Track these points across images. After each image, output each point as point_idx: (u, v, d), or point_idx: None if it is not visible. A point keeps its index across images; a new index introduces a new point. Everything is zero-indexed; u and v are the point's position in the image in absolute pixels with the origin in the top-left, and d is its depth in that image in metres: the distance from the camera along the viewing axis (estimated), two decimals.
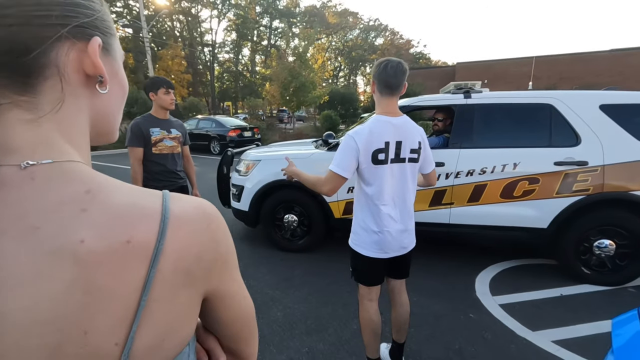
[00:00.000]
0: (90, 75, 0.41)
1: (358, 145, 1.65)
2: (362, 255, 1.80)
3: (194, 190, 2.85)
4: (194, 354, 0.46)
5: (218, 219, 0.45)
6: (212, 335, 0.53)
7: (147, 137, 2.41)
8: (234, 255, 0.48)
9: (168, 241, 0.38)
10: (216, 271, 0.44)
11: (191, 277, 0.41)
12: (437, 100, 3.54)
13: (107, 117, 0.46)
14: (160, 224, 0.38)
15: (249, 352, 0.56)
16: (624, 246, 3.02)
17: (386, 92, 1.69)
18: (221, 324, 0.50)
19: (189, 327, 0.43)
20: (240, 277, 0.51)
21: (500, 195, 3.16)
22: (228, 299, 0.48)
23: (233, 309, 0.49)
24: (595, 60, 24.27)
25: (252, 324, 0.55)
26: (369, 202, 1.74)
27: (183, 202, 0.42)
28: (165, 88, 2.43)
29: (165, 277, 0.38)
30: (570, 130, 3.07)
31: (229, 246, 0.47)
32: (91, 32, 0.40)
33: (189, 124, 13.49)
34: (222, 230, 0.45)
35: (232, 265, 0.48)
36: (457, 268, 3.41)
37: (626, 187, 2.93)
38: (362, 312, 1.90)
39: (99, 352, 0.35)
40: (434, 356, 2.20)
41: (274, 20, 46.09)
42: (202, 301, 0.45)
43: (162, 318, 0.38)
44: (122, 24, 24.64)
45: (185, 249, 0.40)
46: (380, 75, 1.67)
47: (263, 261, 3.60)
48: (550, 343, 2.32)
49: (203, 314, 0.49)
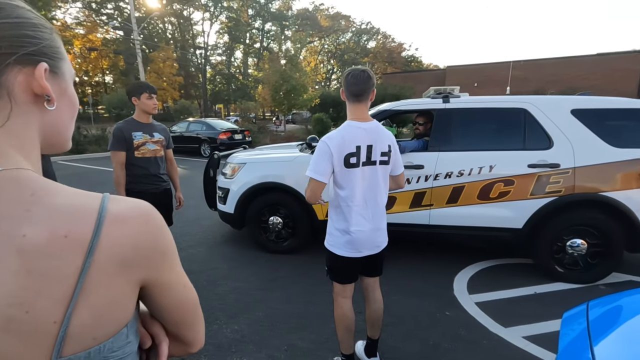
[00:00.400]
0: (38, 94, 0.48)
1: (331, 150, 1.73)
2: (337, 255, 1.87)
3: (178, 192, 2.90)
4: (134, 336, 0.52)
5: (155, 217, 0.52)
6: (157, 322, 0.59)
7: (129, 141, 2.46)
8: (172, 249, 0.55)
9: (103, 236, 0.45)
10: (153, 262, 0.51)
11: (127, 266, 0.47)
12: (417, 104, 3.65)
13: (56, 130, 0.53)
14: (97, 221, 0.45)
15: (193, 337, 0.62)
16: (596, 245, 3.14)
17: (352, 100, 1.79)
18: (162, 311, 0.57)
19: (124, 311, 0.49)
20: (181, 269, 0.57)
21: (478, 197, 3.26)
22: (167, 288, 0.55)
23: (172, 297, 0.56)
24: (582, 64, 24.81)
25: (194, 312, 0.61)
26: (342, 204, 1.82)
27: (121, 202, 0.49)
28: (148, 93, 2.49)
29: (100, 266, 0.45)
30: (544, 134, 3.19)
31: (167, 241, 0.53)
32: (38, 59, 0.47)
33: (179, 126, 13.49)
34: (158, 227, 0.52)
35: (170, 257, 0.54)
36: (437, 268, 3.50)
37: (596, 188, 3.05)
38: (337, 309, 1.97)
39: (39, 329, 0.42)
40: (410, 352, 2.28)
41: (266, 23, 46.19)
42: (141, 289, 0.52)
43: (97, 301, 0.45)
44: (112, 25, 24.45)
45: (121, 242, 0.47)
46: (345, 84, 1.78)
47: (248, 263, 3.66)
48: (521, 338, 2.42)
49: (146, 301, 0.56)
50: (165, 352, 0.59)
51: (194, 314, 0.61)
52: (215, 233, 4.57)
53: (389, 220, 3.32)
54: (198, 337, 0.63)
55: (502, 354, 2.25)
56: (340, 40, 53.40)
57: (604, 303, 1.50)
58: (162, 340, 0.59)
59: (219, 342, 2.38)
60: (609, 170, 3.04)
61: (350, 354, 2.00)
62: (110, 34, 32.66)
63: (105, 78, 38.33)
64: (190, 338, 0.62)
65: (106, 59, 33.70)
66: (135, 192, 2.53)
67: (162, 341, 0.59)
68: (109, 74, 37.83)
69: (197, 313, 0.62)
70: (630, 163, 3.02)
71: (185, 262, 3.63)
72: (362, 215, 1.82)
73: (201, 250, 4.00)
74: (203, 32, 43.01)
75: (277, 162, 3.90)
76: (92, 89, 36.45)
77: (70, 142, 0.58)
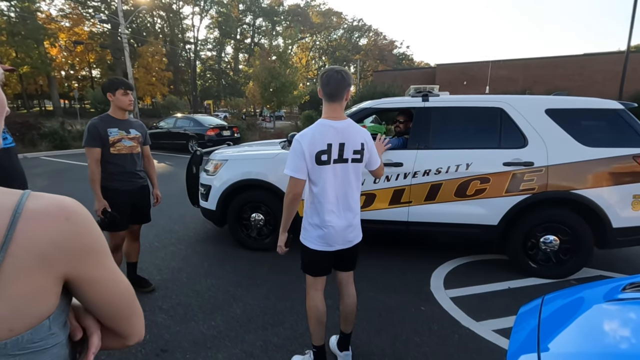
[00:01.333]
0: None
1: (303, 147, 1.78)
2: (310, 249, 1.93)
3: (155, 189, 2.89)
4: (59, 329, 0.54)
5: (78, 213, 0.53)
6: (90, 315, 0.61)
7: (104, 137, 2.44)
8: (100, 245, 0.56)
9: (19, 231, 0.47)
10: (75, 259, 0.52)
11: (47, 261, 0.49)
12: (398, 103, 3.69)
13: None
14: (11, 217, 0.47)
15: (129, 330, 0.64)
16: (567, 242, 3.23)
17: (327, 99, 1.85)
18: (92, 305, 0.59)
19: (44, 304, 0.51)
20: (112, 265, 0.59)
21: (455, 194, 3.32)
22: (95, 284, 0.56)
23: (102, 292, 0.58)
24: (568, 64, 25.19)
25: (128, 306, 0.63)
26: (314, 200, 1.87)
27: (42, 199, 0.51)
28: (124, 89, 2.47)
29: (17, 261, 0.46)
30: (519, 133, 3.26)
31: (93, 237, 0.55)
32: None
33: (166, 122, 13.34)
34: (82, 223, 0.53)
35: (97, 253, 0.56)
36: (415, 264, 3.56)
37: (568, 186, 3.14)
38: (309, 301, 2.02)
39: None
40: (381, 346, 2.33)
41: (257, 19, 45.82)
42: (67, 283, 0.54)
43: (13, 294, 0.46)
44: (98, 19, 23.98)
45: (39, 237, 0.48)
46: (321, 83, 1.84)
47: (229, 260, 3.66)
48: (491, 332, 2.48)
49: (76, 296, 0.57)
50: (96, 344, 0.60)
51: (128, 308, 0.63)
52: (197, 230, 4.56)
53: (368, 217, 3.42)
54: (134, 330, 0.65)
55: (471, 348, 2.31)
56: (332, 37, 53.33)
57: (559, 297, 1.55)
58: (92, 332, 0.61)
59: (195, 338, 2.40)
60: (581, 169, 3.12)
61: (321, 345, 2.04)
62: (97, 27, 32.01)
63: (92, 72, 37.58)
64: (126, 331, 0.64)
65: (93, 53, 33.05)
66: (111, 189, 2.52)
67: (93, 333, 0.61)
68: (96, 68, 37.11)
69: (132, 307, 0.64)
70: (601, 162, 3.11)
71: (166, 259, 3.64)
72: (334, 212, 1.87)
73: (182, 247, 3.99)
74: (193, 26, 42.53)
75: (259, 159, 3.90)
76: (78, 83, 35.71)
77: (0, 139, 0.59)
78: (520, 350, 1.23)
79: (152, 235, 4.30)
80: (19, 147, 11.78)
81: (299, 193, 1.83)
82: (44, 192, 0.53)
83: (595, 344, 1.19)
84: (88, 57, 33.71)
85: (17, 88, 31.59)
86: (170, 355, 2.22)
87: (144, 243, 4.02)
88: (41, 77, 29.36)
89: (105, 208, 2.47)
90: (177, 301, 2.86)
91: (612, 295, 1.44)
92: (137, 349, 2.26)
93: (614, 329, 1.27)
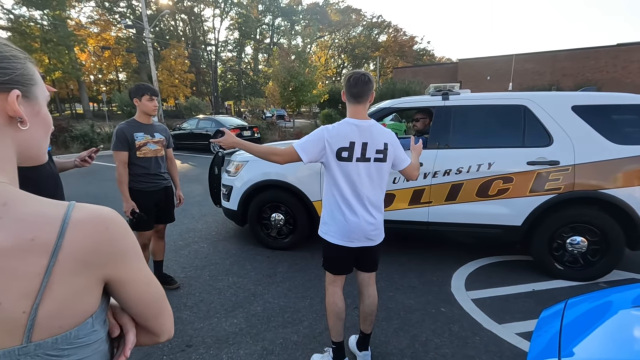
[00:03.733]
0: (12, 116, 0.55)
1: (326, 137, 1.85)
2: (330, 243, 1.96)
3: (178, 190, 2.99)
4: (100, 326, 0.60)
5: (115, 221, 0.58)
6: (126, 314, 0.67)
7: (131, 141, 2.55)
8: (134, 250, 0.62)
9: (67, 240, 0.52)
10: (113, 262, 0.58)
11: (88, 266, 0.54)
12: (417, 102, 3.65)
13: (30, 146, 0.61)
14: (60, 227, 0.52)
15: (160, 328, 0.70)
16: (596, 243, 3.12)
17: (352, 101, 1.90)
18: (127, 304, 0.64)
19: (88, 304, 0.56)
20: (144, 267, 0.64)
21: (476, 194, 3.26)
22: (130, 284, 0.62)
23: (135, 292, 0.63)
24: (600, 55, 24.01)
25: (159, 306, 0.68)
26: (335, 195, 1.92)
27: (85, 210, 0.56)
28: (149, 95, 2.57)
29: (64, 265, 0.52)
30: (543, 131, 3.16)
31: (129, 242, 0.60)
32: (10, 87, 0.55)
33: (189, 123, 13.69)
34: (118, 231, 0.59)
35: (132, 257, 0.61)
36: (435, 265, 3.53)
37: (597, 185, 3.02)
38: (328, 298, 2.05)
39: (11, 317, 0.49)
40: (400, 347, 2.33)
41: (276, 19, 46.16)
42: (106, 284, 0.59)
43: (60, 295, 0.52)
44: (124, 24, 24.85)
45: (83, 244, 0.54)
46: (345, 86, 1.91)
47: (249, 258, 3.75)
48: (514, 335, 2.44)
49: (113, 296, 0.63)
50: (131, 340, 0.66)
51: (159, 307, 0.68)
52: (219, 229, 4.68)
53: (388, 217, 3.40)
54: (164, 328, 0.70)
55: (492, 350, 2.28)
56: (351, 35, 52.99)
57: (584, 301, 1.51)
58: (128, 330, 0.67)
59: (217, 334, 2.48)
60: (610, 168, 3.00)
61: (339, 341, 2.06)
62: (123, 32, 33.17)
63: (119, 76, 39.02)
64: (157, 329, 0.69)
65: (119, 57, 34.29)
66: (136, 191, 2.63)
67: (129, 331, 0.67)
68: (122, 71, 38.49)
69: (162, 307, 0.69)
70: (631, 160, 2.98)
71: (189, 258, 3.76)
72: (354, 207, 1.90)
73: (204, 246, 4.11)
74: (214, 28, 43.38)
75: None
76: (106, 86, 37.15)
77: (45, 156, 0.66)
78: (541, 355, 1.21)
79: (176, 234, 4.44)
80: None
81: (284, 162, 1.90)
82: (86, 203, 0.58)
83: (620, 351, 1.16)
84: (115, 61, 35.01)
85: None
86: (194, 351, 2.31)
87: (168, 242, 4.16)
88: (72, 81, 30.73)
89: (133, 209, 2.59)
90: (200, 298, 2.95)
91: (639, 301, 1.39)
92: (164, 344, 2.36)
93: (636, 337, 1.23)
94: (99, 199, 5.93)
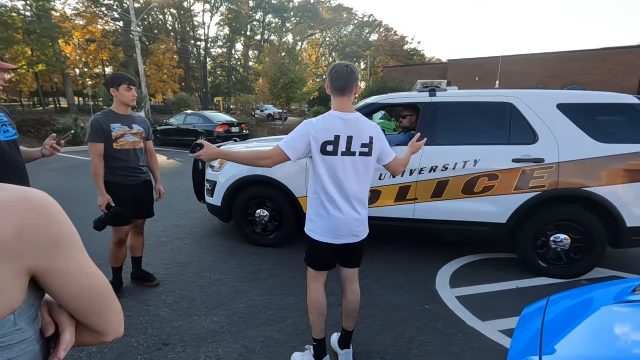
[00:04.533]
0: None
1: (310, 132, 1.79)
2: (316, 241, 1.90)
3: (158, 185, 2.90)
4: (27, 324, 0.53)
5: (44, 204, 0.51)
6: (64, 311, 0.60)
7: (107, 133, 2.45)
8: (68, 238, 0.55)
9: None
10: (42, 251, 0.51)
11: (8, 254, 0.47)
12: (404, 98, 3.62)
13: None
14: None
15: (105, 326, 0.62)
16: (579, 241, 3.14)
17: (336, 94, 1.84)
18: (64, 300, 0.57)
19: (8, 299, 0.49)
20: (83, 259, 0.57)
21: (462, 191, 3.25)
22: (64, 277, 0.54)
23: (73, 286, 0.56)
24: (586, 58, 24.51)
25: (103, 301, 0.61)
26: (320, 191, 1.86)
27: (7, 190, 0.49)
28: (127, 84, 2.48)
29: None
30: (529, 129, 3.17)
31: (61, 229, 0.53)
32: None
33: (176, 119, 13.48)
34: (48, 214, 0.52)
35: (66, 246, 0.54)
36: (421, 262, 3.51)
37: (580, 183, 3.04)
38: (310, 293, 2.00)
39: None
40: (384, 344, 2.30)
41: (267, 15, 45.80)
42: (36, 277, 0.52)
43: None
44: (111, 17, 24.29)
45: (1, 230, 0.46)
46: (330, 78, 1.85)
47: (235, 255, 3.67)
48: (497, 332, 2.43)
49: (46, 290, 0.56)
50: (67, 340, 0.59)
51: (103, 303, 0.61)
52: (204, 226, 4.59)
53: (374, 214, 3.38)
54: (110, 327, 0.63)
55: (476, 348, 2.26)
56: (342, 33, 52.96)
57: (566, 298, 1.50)
58: (65, 328, 0.59)
59: (197, 332, 2.40)
60: (594, 166, 3.02)
61: (321, 338, 2.02)
62: (110, 25, 32.44)
63: (105, 70, 38.17)
64: (101, 327, 0.62)
65: (106, 51, 33.52)
66: (113, 184, 2.54)
67: (66, 330, 0.59)
68: (109, 65, 37.66)
69: (108, 302, 0.62)
70: (615, 158, 3.00)
71: (172, 254, 3.67)
72: (340, 203, 1.85)
73: (189, 242, 4.02)
74: (204, 24, 42.69)
75: None
76: (92, 80, 36.30)
77: None
78: (522, 353, 1.18)
79: (159, 230, 4.34)
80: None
81: (274, 164, 1.83)
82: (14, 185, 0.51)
83: (602, 348, 1.14)
84: (102, 55, 34.20)
85: (34, 86, 32.27)
86: (171, 350, 2.23)
87: (150, 238, 4.07)
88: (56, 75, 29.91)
89: (109, 203, 2.49)
90: (181, 296, 2.87)
91: (622, 297, 1.38)
92: (139, 343, 2.28)
93: (622, 333, 1.22)
94: (85, 193, 5.77)
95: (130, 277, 3.06)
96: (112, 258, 2.78)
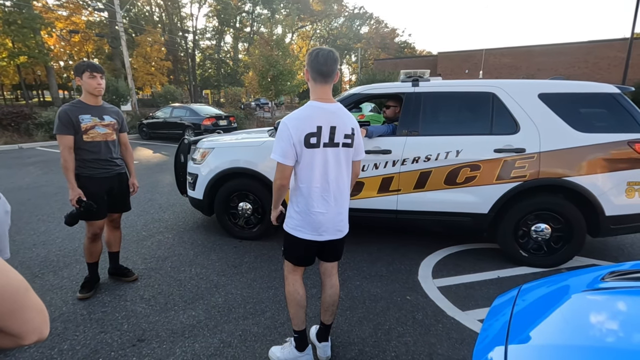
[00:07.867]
0: None
1: (290, 131, 1.69)
2: (297, 238, 1.83)
3: (132, 178, 2.81)
4: None
5: None
6: None
7: (76, 124, 2.36)
8: None
9: None
10: None
11: None
12: (387, 88, 3.58)
13: None
14: None
15: (19, 328, 0.57)
16: (559, 230, 3.16)
17: (319, 80, 1.75)
18: None
19: None
20: None
21: (444, 182, 3.24)
22: None
23: None
24: (573, 51, 24.71)
25: (14, 300, 0.56)
26: (302, 186, 1.78)
27: None
28: (90, 72, 2.36)
29: None
30: (511, 118, 3.16)
31: None
32: None
33: (163, 112, 13.24)
34: None
35: None
36: (404, 254, 3.50)
37: (561, 173, 3.04)
38: (288, 286, 1.96)
39: None
40: (362, 336, 2.28)
41: (256, 7, 45.07)
42: None
43: None
44: (94, 7, 23.63)
45: None
46: (312, 63, 1.73)
47: (216, 249, 3.62)
48: (476, 322, 2.43)
49: None
50: None
51: (15, 303, 0.56)
52: (187, 219, 4.51)
53: (357, 205, 3.35)
54: (27, 328, 0.58)
55: (454, 337, 2.26)
56: (333, 26, 52.48)
57: (537, 287, 1.48)
58: None
59: (173, 327, 2.35)
60: (574, 156, 3.03)
61: (302, 329, 1.99)
62: (94, 16, 31.57)
63: None
64: (15, 329, 0.57)
65: (91, 43, 32.68)
66: (84, 177, 2.45)
67: None
68: (95, 58, 36.76)
69: (21, 301, 0.57)
70: (595, 148, 3.01)
71: (152, 249, 3.60)
72: (324, 197, 1.78)
73: (169, 236, 3.94)
74: (191, 15, 41.86)
75: (246, 147, 3.82)
76: None
77: None
78: (489, 345, 1.15)
79: (140, 225, 4.25)
80: (15, 138, 11.71)
81: (287, 178, 1.76)
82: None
83: (573, 336, 1.12)
84: (86, 46, 33.33)
85: (15, 78, 31.31)
86: (146, 345, 2.18)
87: (130, 232, 3.99)
88: (39, 67, 29.05)
89: (80, 197, 2.40)
90: (158, 290, 2.81)
91: (594, 285, 1.37)
92: (113, 339, 2.22)
93: (592, 321, 1.20)
94: (61, 187, 5.62)
95: (107, 272, 2.99)
96: (86, 253, 2.69)
